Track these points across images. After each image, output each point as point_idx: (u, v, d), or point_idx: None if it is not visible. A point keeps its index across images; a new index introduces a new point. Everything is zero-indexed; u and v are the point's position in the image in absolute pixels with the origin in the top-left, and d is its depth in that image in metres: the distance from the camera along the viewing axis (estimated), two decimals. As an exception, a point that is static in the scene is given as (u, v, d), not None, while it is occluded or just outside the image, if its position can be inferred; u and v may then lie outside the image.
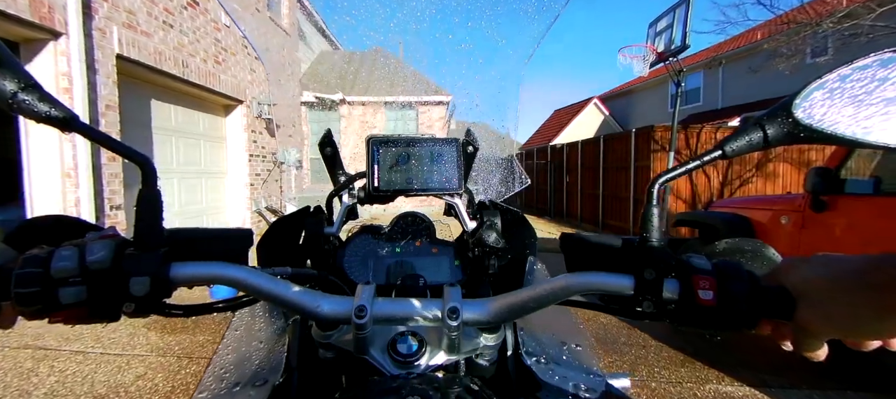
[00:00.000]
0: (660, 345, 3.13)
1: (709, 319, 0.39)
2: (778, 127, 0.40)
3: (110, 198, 4.14)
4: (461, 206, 0.78)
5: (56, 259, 0.35)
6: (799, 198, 3.10)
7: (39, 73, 3.62)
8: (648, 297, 0.41)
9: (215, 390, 0.56)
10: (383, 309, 0.43)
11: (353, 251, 0.77)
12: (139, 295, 0.37)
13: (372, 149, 0.68)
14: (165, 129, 5.53)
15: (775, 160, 8.08)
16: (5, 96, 0.35)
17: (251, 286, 0.42)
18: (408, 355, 0.45)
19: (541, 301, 0.43)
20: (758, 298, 0.38)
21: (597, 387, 0.55)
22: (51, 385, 2.35)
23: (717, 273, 0.39)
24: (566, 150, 11.82)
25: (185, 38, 5.40)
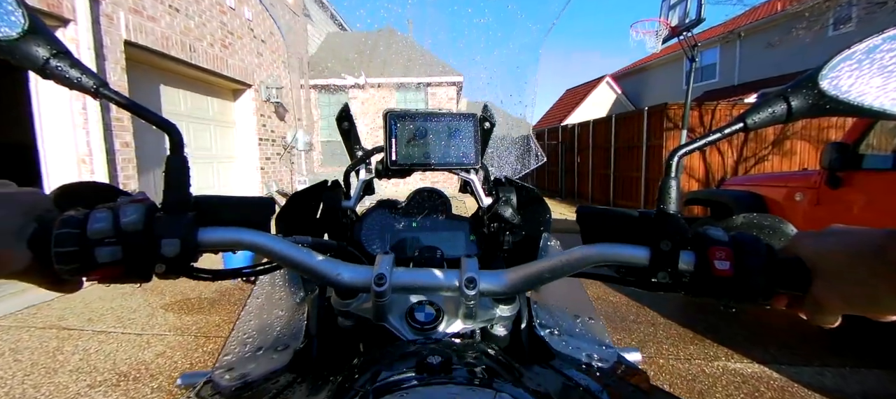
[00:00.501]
0: (668, 322, 3.13)
1: (724, 290, 0.39)
2: (802, 99, 0.40)
3: (125, 183, 4.22)
4: (477, 182, 0.78)
5: (92, 220, 0.37)
6: (814, 174, 3.02)
7: (51, 60, 3.67)
8: (664, 268, 0.41)
9: (239, 353, 0.58)
10: (402, 278, 0.44)
11: (370, 225, 0.78)
12: (170, 256, 0.38)
13: (390, 123, 0.68)
14: (175, 114, 5.58)
15: (793, 137, 7.87)
16: (38, 62, 0.37)
17: (275, 253, 0.43)
18: (425, 323, 0.47)
19: (556, 272, 0.44)
20: (774, 270, 0.38)
21: (609, 358, 0.55)
22: (75, 363, 2.45)
23: (734, 244, 0.39)
24: (577, 130, 11.66)
25: (192, 22, 5.40)
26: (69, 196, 0.42)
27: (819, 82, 0.39)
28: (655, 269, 0.42)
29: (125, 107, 0.41)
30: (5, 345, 2.64)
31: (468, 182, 0.79)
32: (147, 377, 2.31)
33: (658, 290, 0.44)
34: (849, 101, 0.39)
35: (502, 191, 0.74)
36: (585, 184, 11.14)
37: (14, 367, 2.38)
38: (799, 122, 3.52)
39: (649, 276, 0.42)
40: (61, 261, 0.36)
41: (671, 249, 0.41)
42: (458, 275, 0.44)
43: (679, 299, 3.59)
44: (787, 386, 2.29)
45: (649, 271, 0.42)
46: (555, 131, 13.25)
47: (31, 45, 0.37)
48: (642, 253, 0.42)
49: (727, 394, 2.21)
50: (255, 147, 7.09)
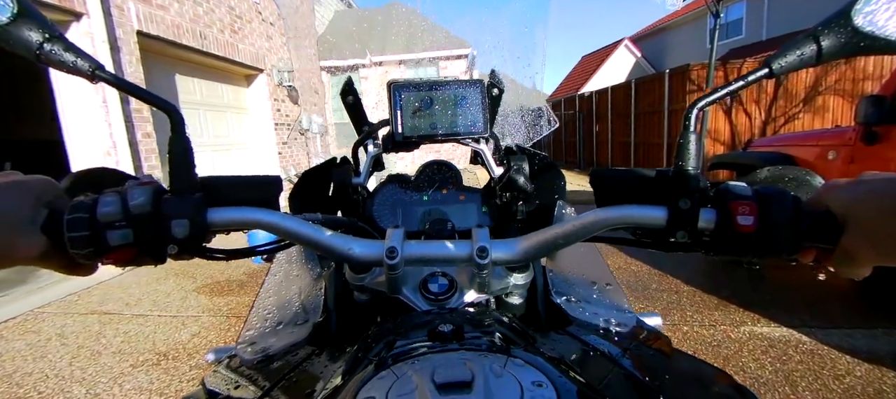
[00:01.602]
0: (692, 289, 3.09)
1: (747, 246, 0.37)
2: (834, 37, 0.37)
3: (150, 172, 4.34)
4: (487, 151, 0.76)
5: (101, 204, 0.37)
6: (849, 131, 2.88)
7: (69, 55, 3.74)
8: (683, 227, 0.40)
9: (260, 328, 0.59)
10: (414, 250, 0.43)
11: (381, 200, 0.78)
12: (180, 237, 0.39)
13: (394, 94, 0.66)
14: (191, 103, 5.66)
15: (825, 92, 7.48)
16: (32, 47, 0.36)
17: (286, 230, 0.43)
18: (439, 293, 0.47)
19: (569, 237, 0.42)
20: (801, 223, 0.37)
21: (628, 322, 0.54)
22: (118, 345, 2.59)
23: (758, 198, 0.38)
24: (595, 97, 11.36)
25: (200, 9, 5.40)
26: (80, 182, 0.42)
27: (853, 18, 0.36)
28: (674, 228, 0.40)
29: (123, 89, 0.40)
30: (52, 330, 2.80)
31: (478, 152, 0.77)
32: (184, 356, 2.43)
33: (677, 250, 0.42)
34: (887, 37, 0.36)
35: (514, 159, 0.72)
36: (605, 153, 10.91)
37: (61, 350, 2.53)
38: (832, 75, 3.41)
39: (667, 236, 0.41)
40: (75, 245, 0.36)
41: (690, 207, 0.39)
42: (470, 245, 0.43)
43: (702, 266, 3.54)
44: (817, 349, 2.25)
45: (667, 231, 0.40)
46: (571, 100, 12.94)
47: (22, 30, 0.36)
48: (660, 213, 0.40)
49: (754, 358, 2.18)
50: (271, 132, 7.16)
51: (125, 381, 2.20)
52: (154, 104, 0.41)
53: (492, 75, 0.75)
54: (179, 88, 5.41)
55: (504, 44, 4.63)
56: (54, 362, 2.40)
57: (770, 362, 2.15)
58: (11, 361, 2.43)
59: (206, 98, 5.96)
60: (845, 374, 2.04)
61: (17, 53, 0.37)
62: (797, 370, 2.08)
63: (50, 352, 2.52)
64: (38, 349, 2.56)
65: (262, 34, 6.96)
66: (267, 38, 7.10)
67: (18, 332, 2.81)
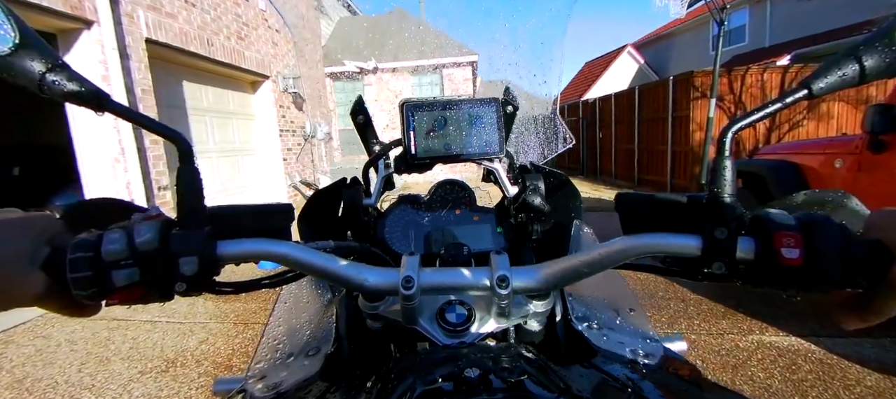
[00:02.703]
0: (699, 298, 3.09)
1: (792, 280, 0.35)
2: (878, 57, 0.35)
3: (157, 179, 4.38)
4: (501, 170, 0.74)
5: (106, 242, 0.35)
6: (856, 139, 2.87)
7: (78, 62, 3.79)
8: (720, 257, 0.37)
9: (271, 360, 0.58)
10: (430, 279, 0.42)
11: (393, 222, 0.76)
12: (189, 274, 0.37)
13: (407, 114, 0.65)
14: (199, 109, 5.71)
15: (830, 100, 7.47)
16: (34, 78, 0.34)
17: (296, 261, 0.41)
18: (457, 324, 0.45)
19: (594, 266, 0.41)
20: (851, 257, 0.34)
21: (655, 352, 0.51)
22: (126, 351, 2.60)
23: (803, 228, 0.35)
24: (599, 104, 11.37)
25: (208, 16, 5.47)
26: (80, 215, 0.41)
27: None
28: (710, 259, 0.38)
29: (130, 118, 0.39)
30: (61, 336, 2.82)
31: (491, 171, 0.75)
32: (192, 363, 2.44)
33: (710, 280, 0.40)
34: None
35: (528, 178, 0.70)
36: (608, 160, 10.91)
37: (71, 356, 2.55)
38: None
39: (701, 266, 0.39)
40: (78, 286, 0.35)
41: (728, 237, 0.37)
42: (489, 273, 0.41)
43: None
44: (826, 358, 2.24)
45: (701, 261, 0.38)
46: (575, 107, 12.96)
47: (24, 60, 0.34)
48: (694, 242, 0.38)
49: (763, 368, 2.18)
50: (276, 138, 7.21)
51: (134, 387, 2.21)
52: (161, 134, 0.39)
53: (506, 92, 0.74)
54: (187, 95, 5.46)
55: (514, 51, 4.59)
56: (64, 368, 2.42)
57: (779, 372, 2.14)
58: (21, 367, 2.44)
59: (212, 104, 6.01)
60: (855, 383, 2.03)
61: (18, 84, 0.35)
62: (807, 379, 2.07)
63: (59, 358, 2.54)
64: (48, 355, 2.58)
65: (268, 41, 7.02)
66: (273, 44, 7.16)
67: (28, 337, 2.83)
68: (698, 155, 6.67)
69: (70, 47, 3.77)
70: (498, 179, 0.75)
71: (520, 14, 2.53)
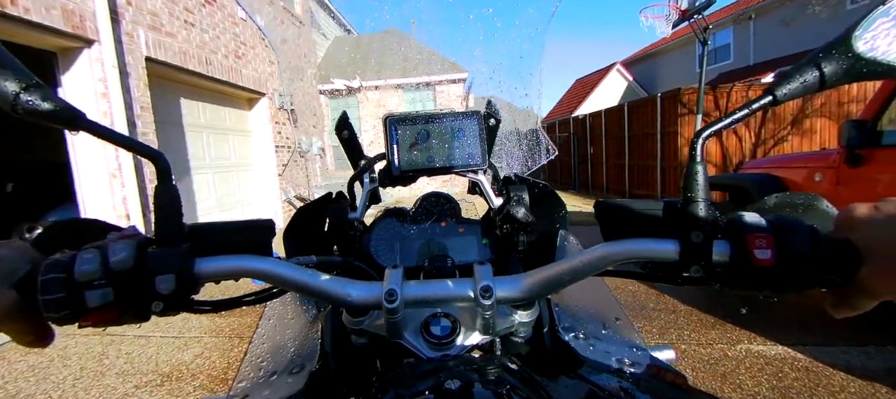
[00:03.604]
0: (689, 309, 3.15)
1: (765, 280, 0.36)
2: (836, 63, 0.37)
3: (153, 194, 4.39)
4: (486, 182, 0.74)
5: (79, 262, 0.35)
6: (834, 153, 3.00)
7: (78, 80, 3.84)
8: (697, 261, 0.38)
9: (254, 379, 0.56)
10: (414, 292, 0.42)
11: (378, 235, 0.76)
12: (166, 293, 0.36)
13: (390, 128, 0.66)
14: (196, 125, 5.75)
15: (812, 115, 7.70)
16: (7, 98, 0.34)
17: (278, 277, 0.41)
18: (442, 337, 0.45)
19: (577, 273, 0.41)
20: (821, 257, 0.35)
21: (641, 361, 0.51)
22: (121, 366, 2.59)
23: (774, 230, 0.36)
24: (589, 120, 11.58)
25: (206, 36, 5.56)
26: (54, 238, 0.40)
27: (853, 44, 0.36)
28: (687, 262, 0.39)
29: (106, 137, 0.38)
30: (54, 351, 2.80)
31: (476, 183, 0.75)
32: (188, 377, 2.44)
33: (689, 284, 0.41)
34: (888, 62, 0.36)
35: (513, 189, 0.71)
36: (600, 174, 11.06)
37: (64, 371, 2.54)
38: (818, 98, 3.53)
39: (680, 270, 0.40)
40: (50, 308, 0.34)
41: (703, 241, 0.38)
42: (472, 284, 0.42)
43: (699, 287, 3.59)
44: (812, 365, 2.30)
45: (680, 265, 0.39)
46: (566, 123, 13.17)
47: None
48: (671, 246, 0.39)
49: (751, 376, 2.23)
50: (271, 154, 7.26)
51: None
52: (138, 152, 0.38)
53: (488, 106, 0.74)
54: (184, 111, 5.51)
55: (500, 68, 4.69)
56: (58, 383, 2.40)
57: (766, 379, 2.19)
58: (14, 383, 2.43)
59: (209, 121, 6.06)
60: (840, 390, 2.08)
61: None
62: (793, 387, 2.12)
63: (53, 373, 2.52)
64: (41, 371, 2.56)
65: (265, 59, 7.13)
66: (269, 62, 7.27)
67: (21, 352, 2.81)
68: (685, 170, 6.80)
69: (70, 66, 3.83)
70: (483, 191, 0.75)
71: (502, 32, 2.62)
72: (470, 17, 9.30)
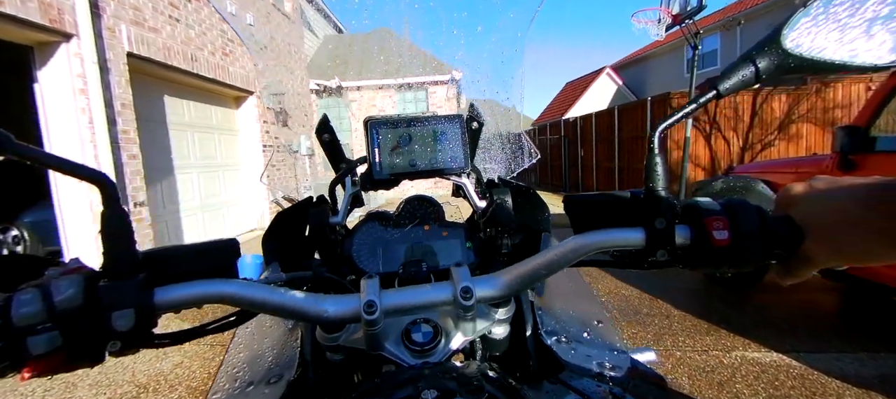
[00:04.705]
0: (683, 314, 3.12)
1: (724, 259, 0.39)
2: (768, 60, 0.40)
3: (133, 195, 4.24)
4: (469, 185, 0.75)
5: (16, 305, 0.31)
6: (826, 158, 3.00)
7: (55, 76, 3.68)
8: (662, 246, 0.41)
9: (229, 390, 0.55)
10: (393, 300, 0.41)
11: (360, 239, 0.74)
12: (124, 330, 0.33)
13: (371, 131, 0.66)
14: (180, 123, 5.59)
15: (798, 121, 7.81)
16: None
17: (246, 300, 0.39)
18: (425, 343, 0.44)
19: (552, 266, 0.42)
20: (769, 233, 0.39)
21: (622, 364, 0.53)
22: (94, 376, 2.47)
23: (728, 212, 0.40)
24: (579, 123, 11.62)
25: (192, 32, 5.41)
26: None
27: (782, 42, 0.40)
28: (653, 248, 0.41)
29: (38, 161, 0.34)
30: (24, 361, 2.66)
31: (460, 186, 0.76)
32: (166, 388, 2.32)
33: (655, 268, 0.44)
34: (812, 58, 0.40)
35: (496, 192, 0.72)
36: (590, 177, 11.10)
37: (33, 383, 2.40)
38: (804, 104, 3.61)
39: (646, 255, 0.42)
40: None
41: (666, 226, 0.41)
42: (452, 287, 0.41)
43: (692, 290, 3.59)
44: (807, 373, 2.27)
45: (646, 251, 0.42)
46: (557, 125, 13.20)
47: None
48: (638, 234, 0.42)
49: (747, 384, 2.20)
50: (259, 154, 7.11)
51: (103, 415, 2.09)
52: (78, 175, 0.35)
53: (471, 109, 0.75)
54: (168, 110, 5.36)
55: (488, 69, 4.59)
56: (25, 395, 2.27)
57: (763, 388, 2.16)
58: (-21, 395, 2.29)
59: (194, 119, 5.90)
60: (836, 398, 2.06)
61: None
62: (790, 395, 2.10)
63: (20, 385, 2.39)
64: (8, 382, 2.43)
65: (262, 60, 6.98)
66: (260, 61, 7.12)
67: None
68: (677, 173, 6.85)
69: (47, 61, 3.67)
70: (466, 194, 0.75)
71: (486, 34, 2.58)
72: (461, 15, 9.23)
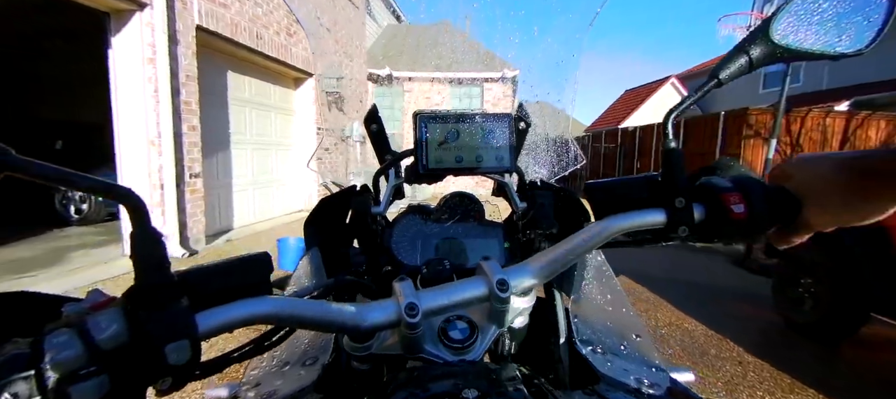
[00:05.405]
0: (759, 362, 2.73)
1: (740, 231, 0.43)
2: (760, 50, 0.44)
3: (190, 165, 4.35)
4: (512, 185, 0.77)
5: (51, 350, 0.26)
6: None
7: (127, 43, 3.81)
8: (682, 223, 0.44)
9: (267, 368, 0.56)
10: (432, 301, 0.41)
11: (400, 232, 0.76)
12: (179, 363, 0.29)
13: (420, 124, 0.67)
14: (240, 99, 5.73)
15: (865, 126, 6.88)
16: None
17: (288, 317, 0.37)
18: (463, 340, 0.44)
19: (577, 250, 0.45)
20: (774, 204, 0.44)
21: (661, 382, 0.51)
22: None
23: (741, 188, 0.44)
24: (638, 133, 10.97)
25: (260, 10, 5.50)
26: None
27: (771, 34, 0.44)
28: (674, 226, 0.45)
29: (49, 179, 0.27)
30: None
31: (502, 185, 0.78)
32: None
33: (671, 243, 0.47)
34: (798, 48, 0.44)
35: (538, 195, 0.72)
36: (645, 191, 10.45)
37: None
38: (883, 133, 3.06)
39: (667, 233, 0.45)
40: None
41: (686, 205, 0.44)
42: (486, 280, 0.43)
43: (766, 331, 3.16)
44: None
45: (666, 230, 0.45)
46: (613, 134, 12.56)
47: None
48: (659, 215, 0.45)
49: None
50: (312, 136, 7.20)
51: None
52: (101, 192, 0.30)
53: (520, 109, 0.76)
54: (230, 85, 5.49)
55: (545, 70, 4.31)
56: None
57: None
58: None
59: (254, 96, 6.04)
60: None
61: None
62: None
63: None
64: None
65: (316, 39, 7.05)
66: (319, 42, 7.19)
67: None
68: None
69: (121, 28, 3.80)
70: (508, 194, 0.77)
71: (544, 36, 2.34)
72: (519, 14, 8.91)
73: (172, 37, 4.01)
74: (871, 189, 0.40)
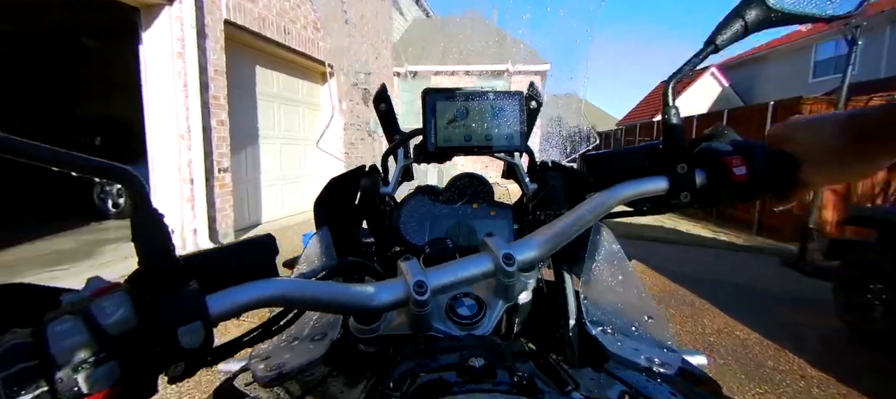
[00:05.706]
0: (823, 376, 2.45)
1: (741, 193, 0.45)
2: (755, 14, 0.45)
3: (219, 160, 4.37)
4: (522, 166, 0.77)
5: (54, 338, 0.25)
6: None
7: (157, 38, 3.84)
8: (685, 189, 0.46)
9: (276, 342, 0.56)
10: (440, 278, 0.41)
11: (409, 212, 0.76)
12: (193, 346, 0.29)
13: (428, 102, 0.66)
14: (268, 94, 5.75)
15: None
16: None
17: (297, 299, 0.37)
18: (471, 316, 0.44)
19: (582, 222, 0.45)
20: (774, 165, 0.45)
21: (672, 362, 0.48)
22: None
23: (742, 151, 0.45)
24: (676, 125, 10.44)
25: (287, 4, 5.49)
26: None
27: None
28: (676, 192, 0.47)
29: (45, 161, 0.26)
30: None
31: (513, 166, 0.78)
32: (223, 364, 2.24)
33: (673, 210, 0.49)
34: (792, 11, 0.45)
35: (549, 176, 0.71)
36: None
37: None
38: None
39: (669, 199, 0.47)
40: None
41: (688, 171, 0.46)
42: (492, 256, 0.43)
43: (827, 340, 2.87)
44: None
45: (668, 196, 0.47)
46: (648, 127, 12.03)
47: None
48: (661, 182, 0.47)
49: None
50: (340, 130, 7.19)
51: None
52: (101, 174, 0.28)
53: (531, 87, 0.75)
54: (258, 79, 5.51)
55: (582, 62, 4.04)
56: None
57: None
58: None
59: (282, 91, 6.05)
60: None
61: None
62: None
63: None
64: None
65: (344, 33, 7.02)
66: (347, 35, 7.16)
67: None
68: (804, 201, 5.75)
69: (151, 22, 3.83)
70: (518, 175, 0.77)
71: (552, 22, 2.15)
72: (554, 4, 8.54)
73: (201, 31, 4.02)
74: (870, 150, 0.42)
